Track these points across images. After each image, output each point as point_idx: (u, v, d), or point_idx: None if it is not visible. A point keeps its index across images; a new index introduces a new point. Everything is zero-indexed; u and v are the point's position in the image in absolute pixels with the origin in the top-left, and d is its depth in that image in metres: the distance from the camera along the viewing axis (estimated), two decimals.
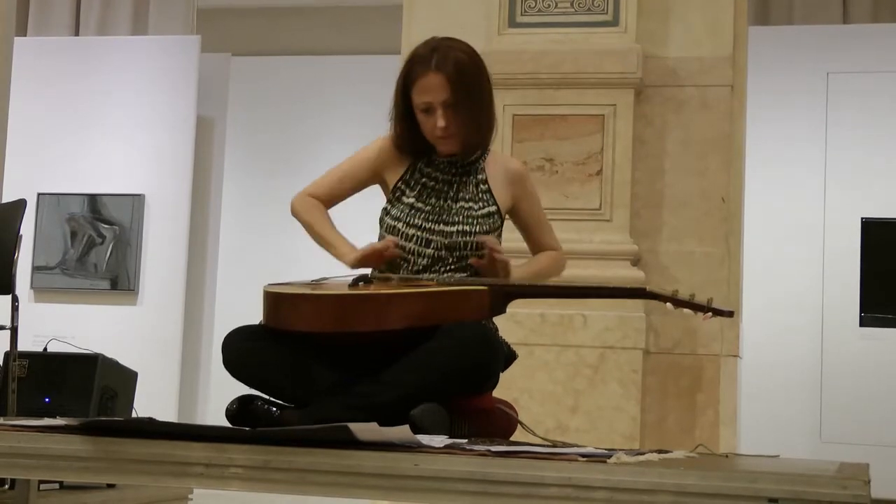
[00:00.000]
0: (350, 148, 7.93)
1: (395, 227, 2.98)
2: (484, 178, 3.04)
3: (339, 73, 8.08)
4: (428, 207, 2.99)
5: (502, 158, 3.14)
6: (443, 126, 2.94)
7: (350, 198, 3.17)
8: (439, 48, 2.97)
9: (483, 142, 3.06)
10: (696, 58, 4.73)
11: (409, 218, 2.98)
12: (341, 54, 8.12)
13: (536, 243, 3.12)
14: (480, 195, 3.01)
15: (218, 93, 7.70)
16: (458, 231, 2.95)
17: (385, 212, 3.04)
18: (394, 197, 3.05)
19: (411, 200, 3.01)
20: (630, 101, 4.65)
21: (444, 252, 2.94)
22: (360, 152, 3.14)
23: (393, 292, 2.80)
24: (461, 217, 2.97)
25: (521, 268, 3.03)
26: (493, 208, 3.01)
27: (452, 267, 2.93)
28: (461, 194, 3.01)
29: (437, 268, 2.94)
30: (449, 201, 3.00)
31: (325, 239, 3.03)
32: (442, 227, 2.96)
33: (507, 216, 3.09)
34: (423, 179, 3.04)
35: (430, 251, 2.94)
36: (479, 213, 2.99)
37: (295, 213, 3.12)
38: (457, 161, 3.03)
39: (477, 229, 2.96)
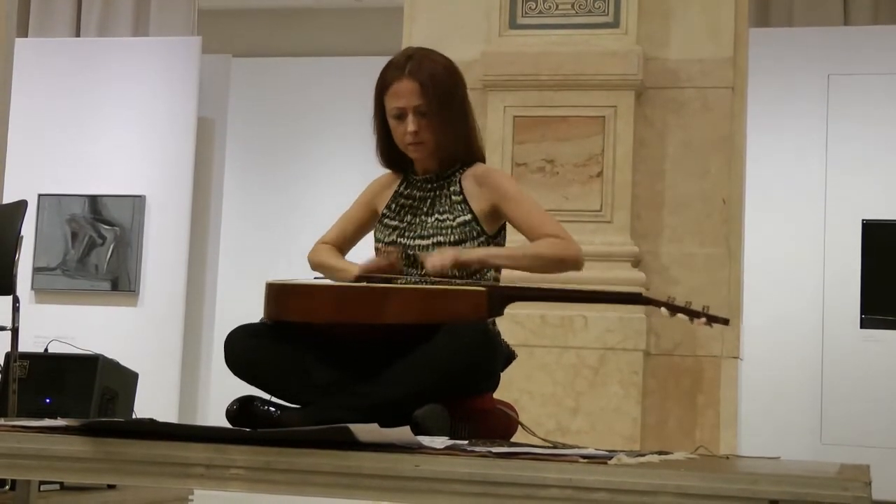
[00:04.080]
0: (350, 148, 7.95)
1: (377, 248, 3.06)
2: (458, 189, 3.03)
3: (339, 74, 8.07)
4: (403, 224, 3.04)
5: (482, 169, 3.09)
6: (412, 131, 2.96)
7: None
8: (415, 56, 3.00)
9: (461, 154, 3.05)
10: (697, 59, 4.73)
11: (387, 237, 3.04)
12: (342, 56, 8.12)
13: (535, 239, 3.00)
14: (454, 206, 3.02)
15: (219, 94, 7.70)
16: (433, 244, 2.97)
17: (373, 236, 3.11)
18: (378, 223, 3.11)
19: (390, 222, 3.07)
20: (631, 102, 4.66)
21: (421, 267, 2.96)
22: (359, 195, 3.21)
23: (391, 287, 2.84)
24: (433, 230, 2.99)
25: (502, 248, 3.00)
26: (467, 217, 3.00)
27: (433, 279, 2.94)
28: (436, 208, 3.03)
29: (422, 281, 2.96)
30: (423, 216, 3.03)
31: (334, 267, 3.08)
32: (417, 241, 2.99)
33: (499, 223, 3.07)
34: (402, 201, 3.08)
35: (409, 263, 2.97)
36: (454, 223, 2.98)
37: (311, 264, 3.18)
38: (432, 177, 3.05)
39: (451, 239, 2.97)
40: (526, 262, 2.96)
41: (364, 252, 3.14)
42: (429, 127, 2.96)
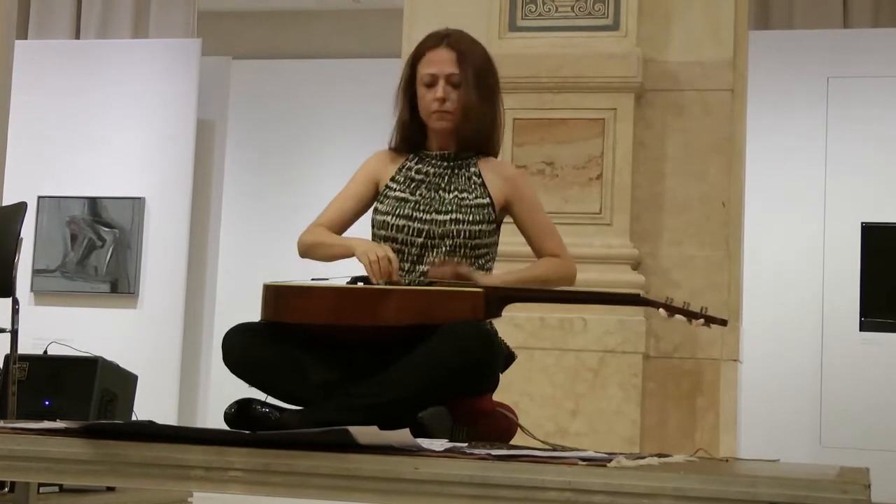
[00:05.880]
0: (350, 150, 7.95)
1: (384, 221, 3.02)
2: (477, 171, 3.07)
3: (339, 76, 8.07)
4: (417, 197, 3.02)
5: (498, 162, 3.15)
6: (440, 97, 2.97)
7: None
8: (455, 32, 3.07)
9: (481, 140, 3.07)
10: (697, 62, 4.73)
11: (397, 210, 3.02)
12: (342, 57, 8.12)
13: (537, 249, 3.11)
14: (474, 187, 3.04)
15: (218, 96, 7.70)
16: (451, 220, 2.98)
17: (374, 210, 3.09)
18: (382, 196, 3.08)
19: (399, 194, 3.04)
20: (630, 105, 4.66)
21: (436, 240, 2.96)
22: (356, 173, 3.18)
23: (388, 288, 2.84)
24: (454, 206, 2.99)
25: (511, 273, 3.03)
26: (485, 200, 3.02)
27: (444, 255, 2.94)
28: (454, 184, 3.04)
29: (430, 256, 2.95)
30: (441, 192, 3.03)
31: (335, 244, 3.04)
32: (434, 216, 2.99)
33: (503, 217, 3.10)
34: (412, 174, 3.07)
35: (421, 240, 2.97)
36: (472, 202, 3.00)
37: (302, 245, 3.11)
38: (449, 155, 3.05)
39: (470, 218, 2.99)
40: (534, 286, 3.05)
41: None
42: (457, 98, 2.98)
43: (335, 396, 2.73)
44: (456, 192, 3.01)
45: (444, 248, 2.95)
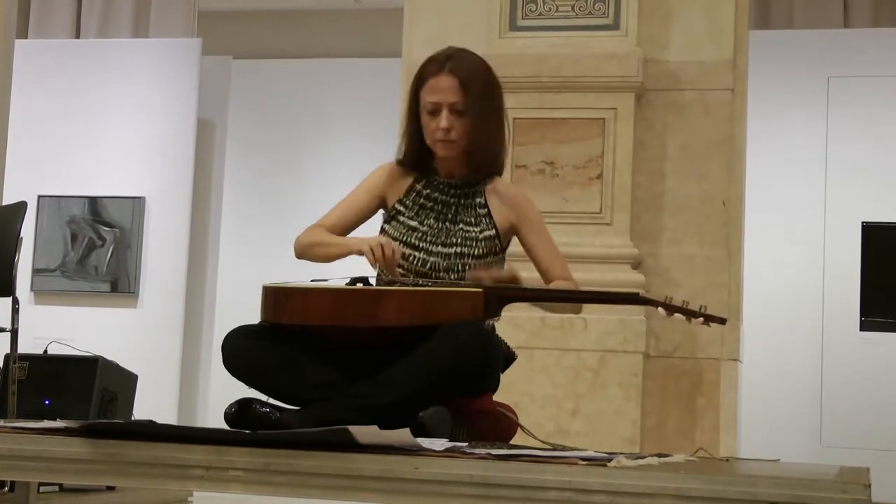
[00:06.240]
0: (350, 150, 7.92)
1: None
2: (483, 201, 3.05)
3: (340, 76, 8.08)
4: (425, 228, 3.01)
5: (504, 185, 3.12)
6: (444, 127, 2.95)
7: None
8: (456, 55, 3.01)
9: (487, 162, 3.05)
10: (697, 61, 4.73)
11: (405, 238, 3.01)
12: (342, 57, 8.12)
13: (546, 274, 3.09)
14: (480, 219, 3.03)
15: (219, 96, 7.70)
16: (456, 253, 2.97)
17: (382, 231, 3.07)
18: (390, 217, 3.08)
19: (408, 221, 3.04)
20: (631, 104, 4.66)
21: (441, 273, 2.96)
22: (362, 182, 3.16)
23: (387, 288, 2.84)
24: (459, 239, 2.98)
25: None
26: (491, 232, 3.02)
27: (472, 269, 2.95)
28: (460, 216, 3.02)
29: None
30: (448, 223, 3.01)
31: (333, 243, 3.02)
32: (440, 248, 2.98)
33: (508, 241, 3.10)
34: (422, 200, 3.06)
35: (426, 270, 2.96)
36: (479, 236, 2.99)
37: (299, 246, 3.09)
38: (456, 183, 3.05)
39: (476, 252, 2.97)
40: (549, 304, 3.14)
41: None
42: (462, 126, 2.96)
43: (335, 397, 2.73)
44: (462, 225, 3.01)
45: (447, 281, 2.95)
